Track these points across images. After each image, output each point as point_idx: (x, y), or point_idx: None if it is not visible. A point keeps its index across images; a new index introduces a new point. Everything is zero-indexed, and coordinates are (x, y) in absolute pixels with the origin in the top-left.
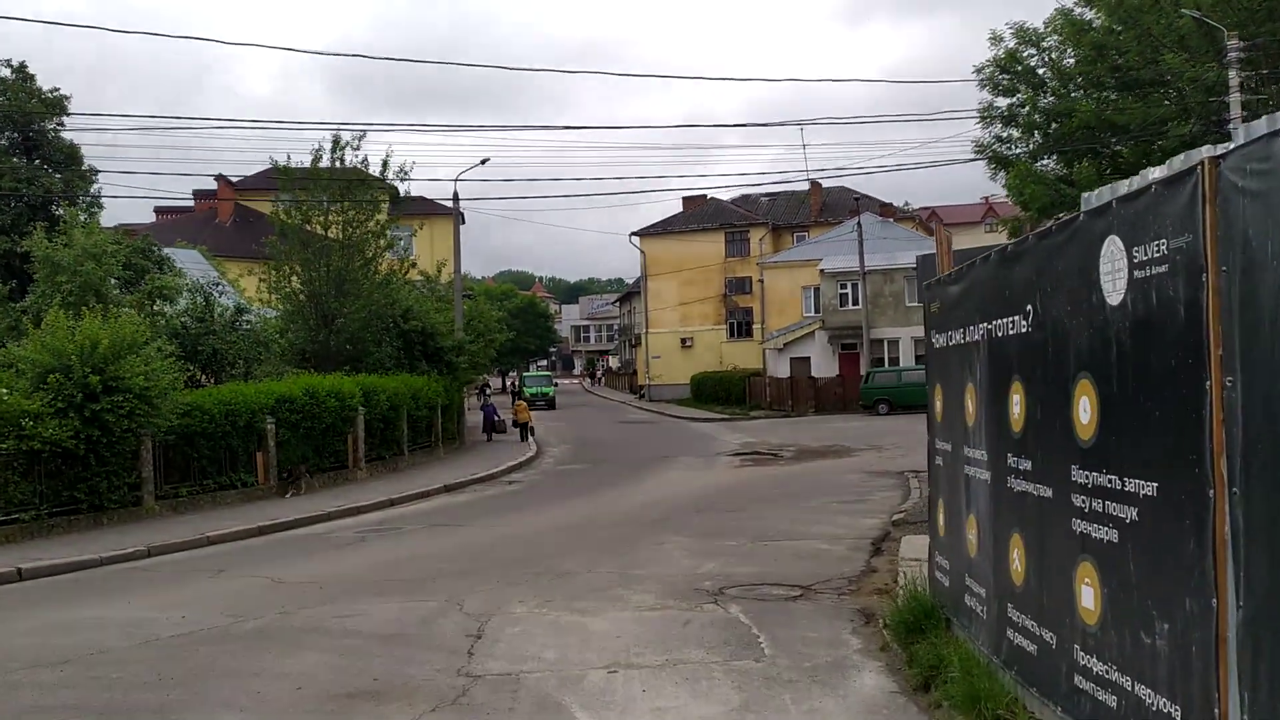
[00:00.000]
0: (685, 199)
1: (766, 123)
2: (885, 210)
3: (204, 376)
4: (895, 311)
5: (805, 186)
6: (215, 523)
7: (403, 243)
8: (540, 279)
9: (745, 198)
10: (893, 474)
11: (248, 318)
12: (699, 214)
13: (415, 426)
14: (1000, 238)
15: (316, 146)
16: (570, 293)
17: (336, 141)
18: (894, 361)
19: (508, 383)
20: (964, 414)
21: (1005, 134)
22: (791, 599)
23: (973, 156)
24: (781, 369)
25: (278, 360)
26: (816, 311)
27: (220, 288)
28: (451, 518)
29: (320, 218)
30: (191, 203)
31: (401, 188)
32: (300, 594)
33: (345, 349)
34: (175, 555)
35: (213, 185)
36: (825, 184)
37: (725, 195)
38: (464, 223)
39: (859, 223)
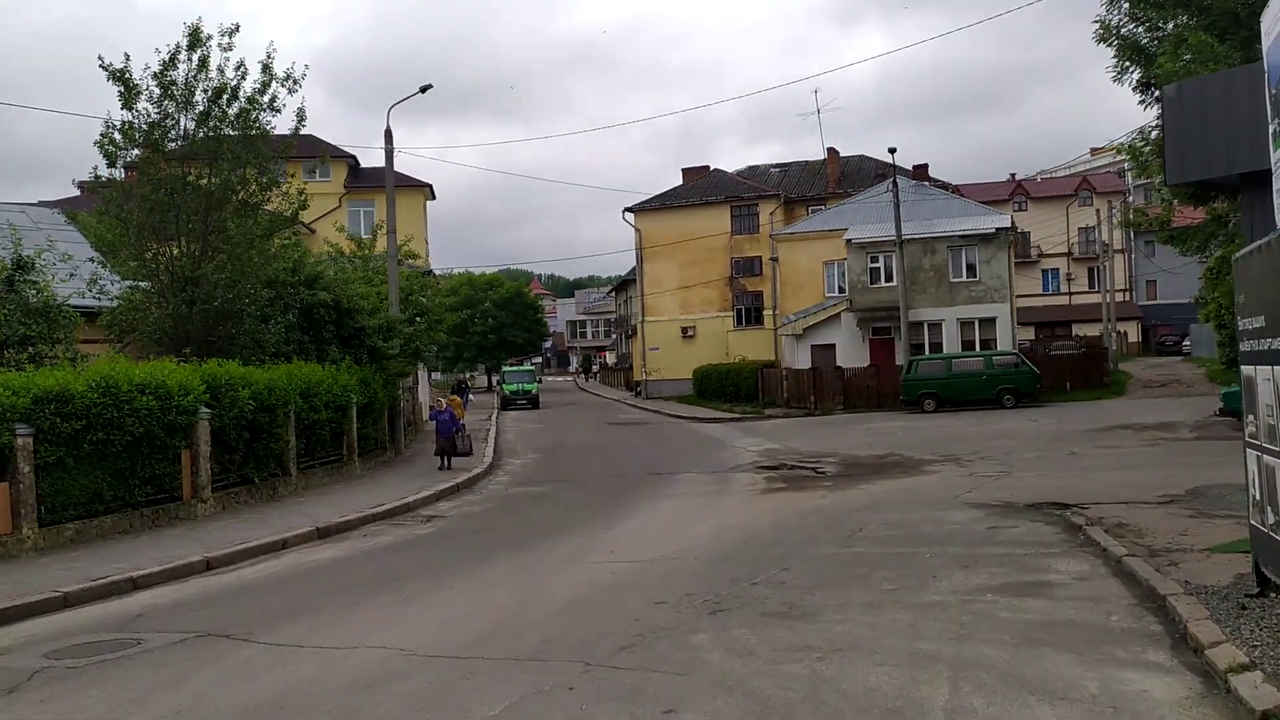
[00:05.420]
0: (685, 170)
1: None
2: (918, 172)
3: None
4: (938, 289)
5: (820, 156)
6: None
7: (300, 187)
8: (539, 277)
9: (753, 169)
10: (1020, 509)
11: (30, 278)
12: (700, 186)
13: (315, 435)
14: (1034, 215)
15: (172, 46)
16: (569, 290)
17: (196, 35)
18: (936, 347)
19: (494, 381)
20: None
21: (1140, 13)
22: None
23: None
24: (801, 359)
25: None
26: (841, 291)
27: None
28: (257, 614)
29: (174, 145)
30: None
31: (292, 103)
32: None
33: (223, 329)
34: None
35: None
36: (843, 152)
37: (730, 168)
38: (433, 197)
39: (894, 181)
